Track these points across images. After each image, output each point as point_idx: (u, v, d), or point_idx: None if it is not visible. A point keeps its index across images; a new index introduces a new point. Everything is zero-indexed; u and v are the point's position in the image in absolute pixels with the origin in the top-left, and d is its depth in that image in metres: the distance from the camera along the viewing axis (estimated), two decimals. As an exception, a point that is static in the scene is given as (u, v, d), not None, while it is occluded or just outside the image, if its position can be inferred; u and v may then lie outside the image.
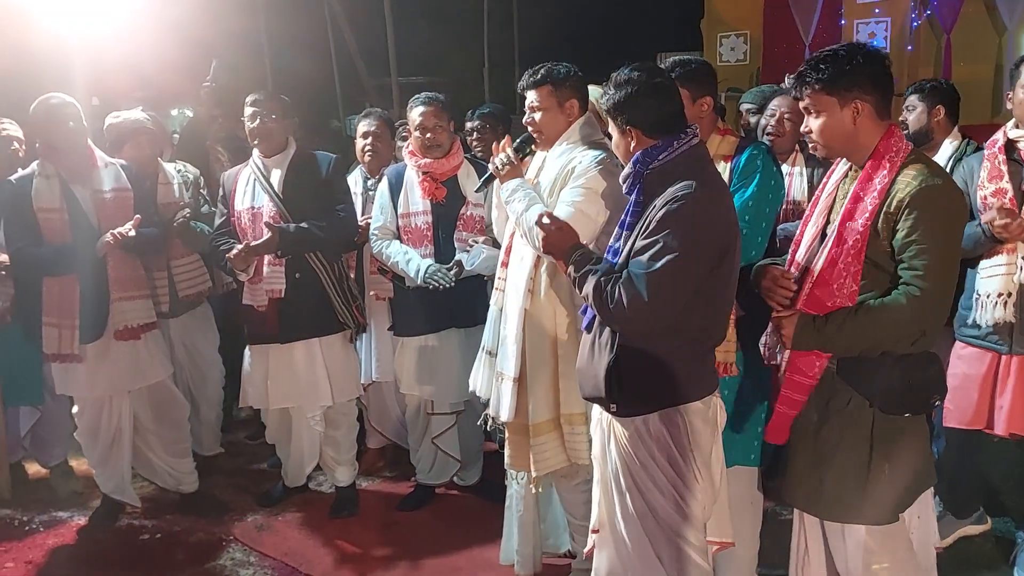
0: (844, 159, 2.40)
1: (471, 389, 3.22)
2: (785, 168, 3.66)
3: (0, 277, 3.81)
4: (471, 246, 3.65)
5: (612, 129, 2.41)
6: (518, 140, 3.00)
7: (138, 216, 3.53)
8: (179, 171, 4.21)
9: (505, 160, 2.90)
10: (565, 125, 2.91)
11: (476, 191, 3.14)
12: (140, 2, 6.09)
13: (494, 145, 3.02)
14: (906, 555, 2.37)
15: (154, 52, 6.41)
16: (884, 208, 2.21)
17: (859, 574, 2.33)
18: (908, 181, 2.19)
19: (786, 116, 3.64)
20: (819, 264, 2.30)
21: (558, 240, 2.44)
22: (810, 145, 2.41)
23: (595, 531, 2.57)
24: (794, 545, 2.54)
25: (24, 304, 3.74)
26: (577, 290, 2.39)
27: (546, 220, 2.45)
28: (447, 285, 3.55)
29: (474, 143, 4.44)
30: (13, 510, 4.00)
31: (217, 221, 3.78)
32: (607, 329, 2.34)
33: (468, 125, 4.51)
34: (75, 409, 3.80)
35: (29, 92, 3.77)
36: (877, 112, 2.27)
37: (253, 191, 3.64)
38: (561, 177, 2.83)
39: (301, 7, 10.73)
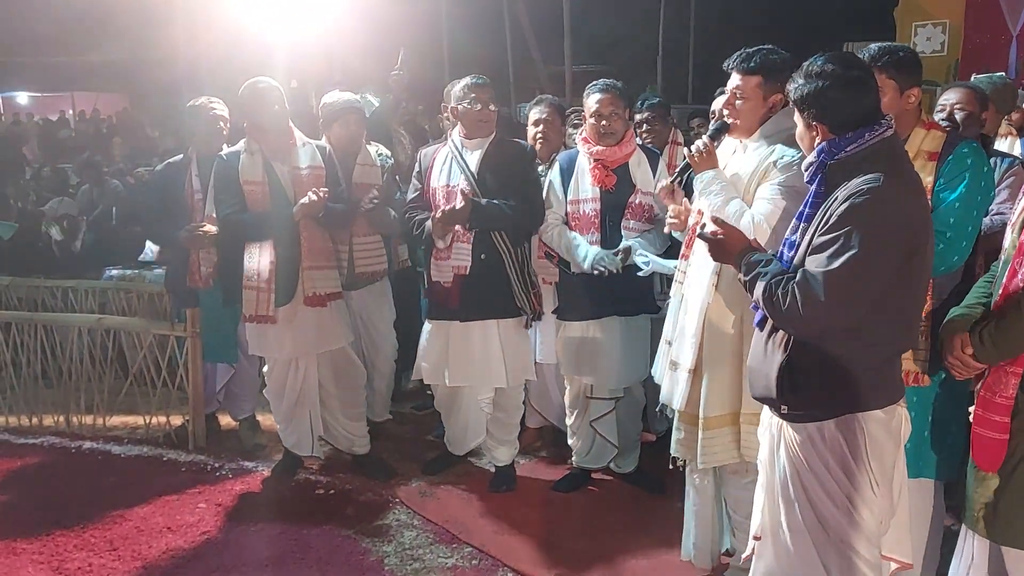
0: None
1: (655, 378, 3.21)
2: None
3: (205, 246, 4.18)
4: (638, 234, 3.64)
5: (797, 118, 2.28)
6: (712, 128, 2.95)
7: (326, 188, 3.79)
8: (379, 155, 4.43)
9: (701, 148, 2.86)
10: (764, 118, 2.83)
11: (671, 182, 3.08)
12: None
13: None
14: None
15: (344, 35, 6.78)
16: None
17: None
18: None
19: (956, 107, 3.26)
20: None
21: (728, 247, 2.35)
22: None
23: (756, 538, 2.47)
24: (955, 563, 2.42)
25: (225, 270, 4.10)
26: (749, 294, 2.30)
27: (709, 229, 2.35)
28: (614, 270, 3.57)
29: (643, 134, 4.40)
30: (207, 456, 4.41)
31: (411, 195, 3.93)
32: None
33: (637, 117, 4.45)
34: (265, 368, 4.15)
35: (237, 74, 4.09)
36: None
37: (450, 170, 3.79)
38: (760, 171, 2.78)
39: (481, -7, 11.00)
